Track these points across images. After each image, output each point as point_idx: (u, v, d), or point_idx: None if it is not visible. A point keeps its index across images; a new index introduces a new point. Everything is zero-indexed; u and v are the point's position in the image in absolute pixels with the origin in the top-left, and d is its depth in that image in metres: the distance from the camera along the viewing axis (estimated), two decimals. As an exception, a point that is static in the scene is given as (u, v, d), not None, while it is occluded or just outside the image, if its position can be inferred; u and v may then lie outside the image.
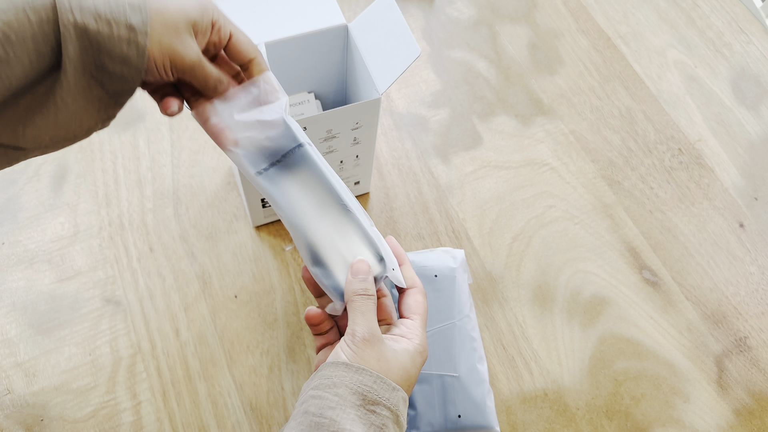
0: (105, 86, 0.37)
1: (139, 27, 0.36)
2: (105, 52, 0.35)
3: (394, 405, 0.38)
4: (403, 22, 0.54)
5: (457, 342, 0.56)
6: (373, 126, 0.60)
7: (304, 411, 0.37)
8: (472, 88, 0.79)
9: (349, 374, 0.38)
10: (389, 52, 0.55)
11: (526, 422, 0.60)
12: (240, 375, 0.61)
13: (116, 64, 0.36)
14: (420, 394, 0.54)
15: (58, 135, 0.38)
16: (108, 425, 0.58)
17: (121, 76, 0.37)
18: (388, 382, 0.39)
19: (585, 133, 0.77)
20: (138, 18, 0.36)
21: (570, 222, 0.71)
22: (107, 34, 0.35)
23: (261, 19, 0.58)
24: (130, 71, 0.36)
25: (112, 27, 0.35)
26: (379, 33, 0.57)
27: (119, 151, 0.72)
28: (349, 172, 0.65)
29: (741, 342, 0.65)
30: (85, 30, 0.35)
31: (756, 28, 0.87)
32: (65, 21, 0.34)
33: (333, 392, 0.37)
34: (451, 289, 0.58)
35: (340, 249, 0.43)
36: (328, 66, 0.64)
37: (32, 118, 0.36)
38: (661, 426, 0.61)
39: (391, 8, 0.55)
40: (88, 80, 0.36)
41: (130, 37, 0.36)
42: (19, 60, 0.34)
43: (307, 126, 0.55)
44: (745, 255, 0.70)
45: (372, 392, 0.38)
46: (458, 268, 0.60)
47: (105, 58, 0.36)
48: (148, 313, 0.63)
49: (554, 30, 0.85)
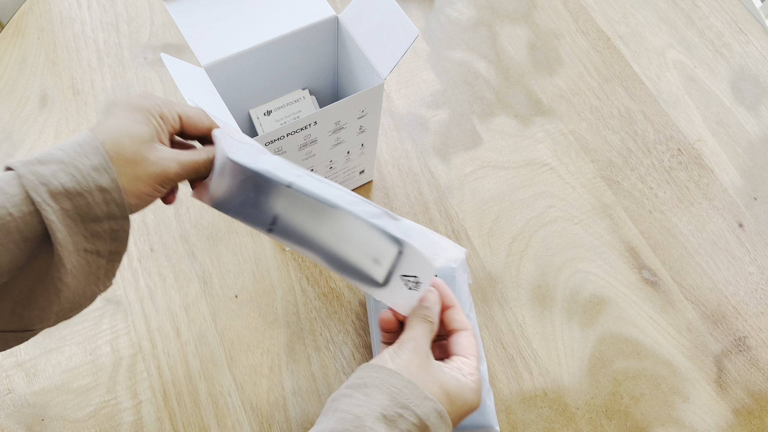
0: (101, 253, 0.38)
1: (110, 185, 0.37)
2: (89, 219, 0.37)
3: (424, 413, 0.37)
4: (395, 5, 0.54)
5: None
6: (376, 113, 0.60)
7: (335, 408, 0.38)
8: (472, 88, 0.80)
9: (381, 375, 0.38)
10: (386, 37, 0.55)
11: (525, 422, 0.60)
12: (240, 375, 0.61)
13: (103, 223, 0.37)
14: None
15: (63, 310, 0.38)
16: (108, 425, 0.58)
17: (111, 231, 0.38)
18: (421, 389, 0.38)
19: (584, 134, 0.77)
20: (105, 177, 0.37)
21: (569, 222, 0.71)
22: (84, 205, 0.36)
23: (250, 22, 0.58)
24: (117, 222, 0.38)
25: (86, 197, 0.36)
26: (372, 20, 0.56)
27: (120, 152, 0.72)
28: (355, 161, 0.66)
29: (740, 342, 0.65)
30: (65, 212, 0.36)
31: (755, 28, 0.87)
32: (45, 213, 0.35)
33: (363, 392, 0.38)
34: (450, 289, 0.58)
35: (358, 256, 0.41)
36: (321, 60, 0.64)
37: (35, 301, 0.37)
38: (660, 425, 0.61)
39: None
40: (84, 257, 0.37)
41: (106, 198, 0.37)
42: (6, 249, 0.35)
43: (317, 120, 0.55)
44: (745, 255, 0.70)
45: (401, 395, 0.37)
46: (458, 268, 0.60)
47: (91, 225, 0.37)
48: (148, 313, 0.63)
49: (554, 30, 0.85)
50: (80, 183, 0.36)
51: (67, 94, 0.76)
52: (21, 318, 0.37)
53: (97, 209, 0.37)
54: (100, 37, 0.80)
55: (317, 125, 0.56)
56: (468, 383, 0.41)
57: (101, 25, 0.81)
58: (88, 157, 0.37)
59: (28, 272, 0.37)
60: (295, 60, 0.62)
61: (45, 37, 0.80)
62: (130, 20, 0.81)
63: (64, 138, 0.73)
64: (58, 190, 0.36)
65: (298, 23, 0.58)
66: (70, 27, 0.81)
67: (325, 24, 0.59)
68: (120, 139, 0.38)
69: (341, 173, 0.66)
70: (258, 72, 0.60)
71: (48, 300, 0.37)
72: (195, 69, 0.54)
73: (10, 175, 0.36)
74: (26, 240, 0.35)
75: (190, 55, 0.79)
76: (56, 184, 0.36)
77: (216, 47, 0.56)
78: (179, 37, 0.81)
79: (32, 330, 0.39)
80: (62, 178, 0.36)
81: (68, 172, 0.36)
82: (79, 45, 0.79)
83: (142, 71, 0.78)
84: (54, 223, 0.35)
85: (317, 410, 0.60)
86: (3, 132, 0.72)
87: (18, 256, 0.36)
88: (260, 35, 0.57)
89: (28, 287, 0.37)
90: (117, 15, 0.82)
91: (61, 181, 0.36)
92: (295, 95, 0.66)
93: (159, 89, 0.76)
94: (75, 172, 0.37)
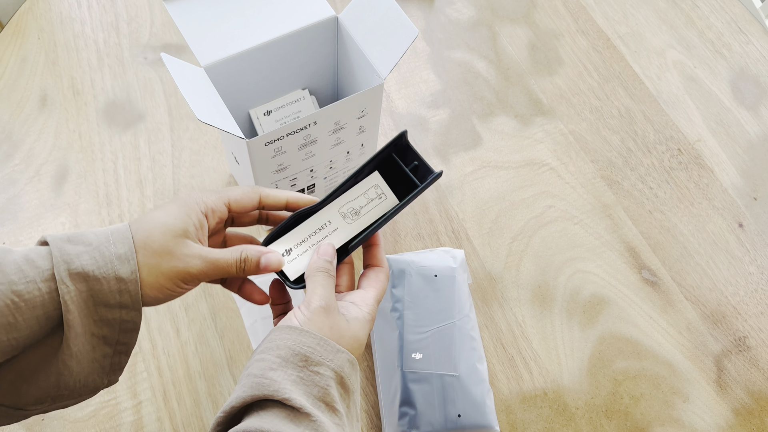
0: (108, 340, 0.38)
1: (128, 276, 0.37)
2: (101, 304, 0.37)
3: (338, 366, 0.39)
4: (395, 5, 0.54)
5: (457, 342, 0.56)
6: (376, 113, 0.60)
7: (248, 373, 0.38)
8: (472, 88, 0.80)
9: (293, 336, 0.38)
10: (386, 36, 0.55)
11: (525, 421, 0.60)
12: (240, 374, 0.61)
13: (114, 310, 0.37)
14: (420, 394, 0.55)
15: (61, 396, 0.38)
16: (109, 425, 0.58)
17: (121, 321, 0.38)
18: (332, 344, 0.39)
19: (584, 134, 0.77)
20: (126, 268, 0.37)
21: (569, 222, 0.71)
22: (98, 290, 0.37)
23: (250, 22, 0.58)
24: (128, 314, 0.38)
25: (102, 283, 0.37)
26: (372, 20, 0.56)
27: (120, 152, 0.72)
28: (355, 161, 0.66)
29: (740, 342, 0.65)
30: (79, 293, 0.36)
31: (755, 28, 0.87)
32: (62, 291, 0.35)
33: (275, 354, 0.38)
34: (450, 289, 0.58)
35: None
36: (321, 60, 0.64)
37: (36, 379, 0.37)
38: (660, 425, 0.61)
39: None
40: (90, 341, 0.37)
41: (121, 288, 0.37)
42: (27, 325, 0.35)
43: (317, 120, 0.55)
44: (744, 255, 0.70)
45: (315, 353, 0.38)
46: (458, 268, 0.60)
47: (101, 309, 0.37)
48: (148, 313, 0.63)
49: (554, 30, 0.85)
50: (100, 268, 0.37)
51: (67, 94, 0.76)
52: (18, 393, 0.37)
53: (110, 296, 0.37)
54: (100, 37, 0.80)
55: (317, 125, 0.56)
56: (364, 315, 0.42)
57: (101, 25, 0.81)
58: (115, 245, 0.38)
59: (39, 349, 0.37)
60: (295, 60, 0.62)
61: (45, 37, 0.80)
62: (130, 20, 0.82)
63: (64, 138, 0.73)
64: (78, 271, 0.36)
65: (298, 23, 0.58)
66: (70, 27, 0.81)
67: (325, 24, 0.59)
68: (152, 232, 0.39)
69: (341, 173, 0.66)
70: (258, 72, 0.60)
71: (48, 381, 0.37)
72: (195, 69, 0.54)
73: (45, 250, 0.37)
74: (48, 318, 0.36)
75: (190, 55, 0.79)
76: (77, 264, 0.36)
77: (216, 47, 0.56)
78: (179, 37, 0.81)
79: (25, 410, 0.38)
80: (84, 260, 0.37)
81: (92, 255, 0.37)
82: (79, 45, 0.79)
83: (142, 71, 0.78)
84: (66, 303, 0.35)
85: (317, 410, 0.60)
86: (3, 132, 0.72)
87: (37, 333, 0.36)
88: (260, 35, 0.57)
89: (35, 363, 0.37)
90: (117, 15, 0.82)
91: (83, 263, 0.36)
92: (295, 95, 0.66)
93: (159, 89, 0.76)
94: (98, 257, 0.37)
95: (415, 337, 0.56)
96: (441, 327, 0.57)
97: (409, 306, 0.57)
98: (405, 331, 0.56)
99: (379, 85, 0.56)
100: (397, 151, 0.46)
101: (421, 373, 0.55)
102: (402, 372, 0.55)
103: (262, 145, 0.53)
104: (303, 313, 0.40)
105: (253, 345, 0.58)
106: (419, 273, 0.59)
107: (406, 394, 0.55)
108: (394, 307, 0.58)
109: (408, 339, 0.56)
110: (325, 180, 0.65)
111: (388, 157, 0.47)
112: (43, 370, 0.37)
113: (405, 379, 0.55)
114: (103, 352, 0.38)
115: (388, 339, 0.58)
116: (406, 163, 0.46)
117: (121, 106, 0.75)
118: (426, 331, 0.56)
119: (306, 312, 0.40)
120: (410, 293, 0.58)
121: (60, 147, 0.72)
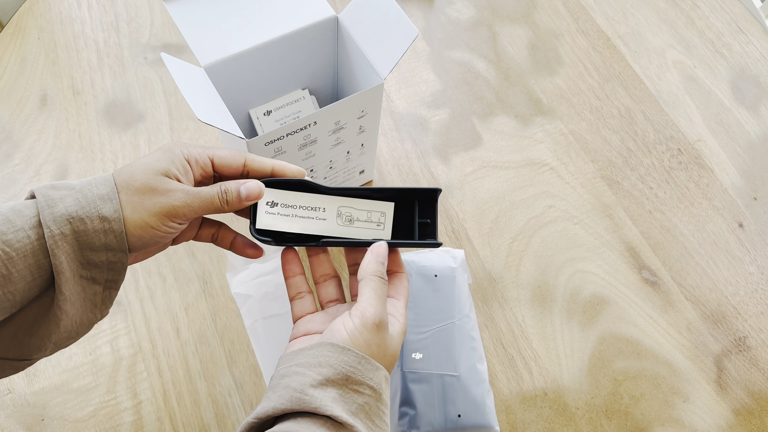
0: (97, 280, 0.39)
1: (111, 214, 0.38)
2: (87, 247, 0.37)
3: (377, 383, 0.39)
4: (395, 5, 0.54)
5: (457, 342, 0.56)
6: (376, 113, 0.60)
7: (286, 385, 0.38)
8: (472, 88, 0.80)
9: (335, 354, 0.39)
10: (386, 36, 0.55)
11: (525, 422, 0.60)
12: (240, 374, 0.61)
13: (100, 253, 0.38)
14: (420, 394, 0.55)
15: (60, 339, 0.39)
16: (109, 425, 0.58)
17: (108, 263, 0.39)
18: (373, 362, 0.39)
19: (584, 134, 0.77)
20: (109, 206, 0.38)
21: (569, 222, 0.71)
22: (83, 231, 0.37)
23: (250, 21, 0.58)
24: (115, 255, 0.38)
25: (86, 223, 0.37)
26: (371, 19, 0.56)
27: (120, 151, 0.72)
28: (355, 161, 0.66)
29: (740, 342, 0.65)
30: (64, 237, 0.36)
31: (755, 28, 0.87)
32: (47, 235, 0.36)
33: (317, 371, 0.38)
34: (450, 289, 0.58)
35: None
36: (321, 60, 0.64)
37: (36, 329, 0.38)
38: (660, 425, 0.61)
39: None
40: (80, 283, 0.38)
41: (105, 227, 0.38)
42: (21, 276, 0.36)
43: (317, 120, 0.55)
44: (745, 255, 0.70)
45: (356, 373, 0.38)
46: (458, 267, 0.60)
47: (88, 253, 0.38)
48: (148, 313, 0.63)
49: (554, 30, 0.85)
50: (83, 208, 0.37)
51: (67, 94, 0.76)
52: (20, 345, 0.38)
53: (95, 237, 0.37)
54: (100, 37, 0.80)
55: (317, 125, 0.56)
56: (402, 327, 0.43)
57: (101, 25, 0.81)
58: (98, 186, 0.38)
59: (36, 303, 0.38)
60: (295, 60, 0.62)
61: (45, 37, 0.80)
62: (130, 20, 0.82)
63: (64, 138, 0.73)
64: (61, 213, 0.37)
65: (298, 23, 0.58)
66: (70, 27, 0.81)
67: (325, 24, 0.59)
68: (134, 172, 0.40)
69: (341, 173, 0.66)
70: (258, 72, 0.60)
71: (48, 329, 0.38)
72: (195, 69, 0.54)
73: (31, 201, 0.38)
74: (40, 267, 0.36)
75: (190, 55, 0.79)
76: (60, 207, 0.37)
77: (216, 47, 0.56)
78: (179, 37, 0.81)
79: (29, 359, 0.39)
80: (68, 203, 0.37)
81: (75, 197, 0.37)
82: (79, 45, 0.79)
83: (142, 71, 0.78)
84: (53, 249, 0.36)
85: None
86: (3, 132, 0.72)
87: (32, 286, 0.37)
88: (260, 35, 0.57)
89: (34, 316, 0.38)
90: (117, 15, 0.82)
91: (66, 206, 0.37)
92: (295, 95, 0.66)
93: (159, 89, 0.76)
94: (81, 198, 0.37)
95: (415, 337, 0.56)
96: (441, 327, 0.57)
97: (409, 306, 0.57)
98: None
99: (379, 85, 0.56)
100: (422, 199, 0.48)
101: (421, 373, 0.55)
102: (402, 372, 0.55)
103: (262, 145, 0.54)
104: (354, 324, 0.40)
105: (253, 345, 0.58)
106: (419, 273, 0.59)
107: (405, 393, 0.55)
108: None
109: (408, 339, 0.56)
110: (325, 179, 0.65)
111: (412, 198, 0.48)
112: (42, 319, 0.38)
113: (405, 379, 0.55)
114: (94, 291, 0.39)
115: None
116: (420, 215, 0.48)
117: (121, 106, 0.75)
118: (426, 331, 0.56)
119: (358, 324, 0.40)
120: (410, 293, 0.58)
121: (60, 147, 0.72)
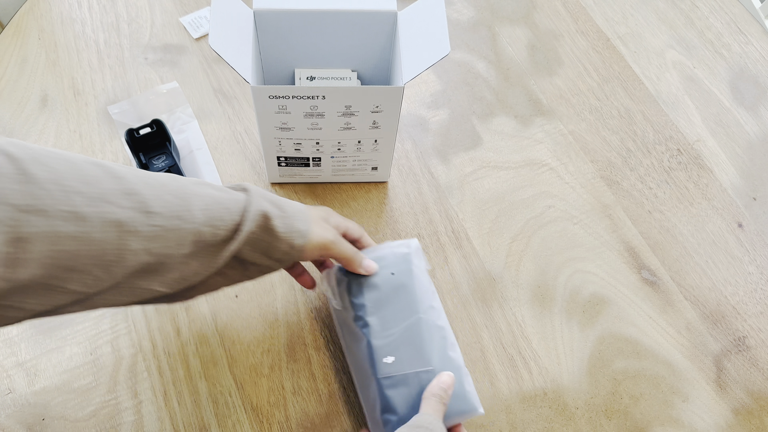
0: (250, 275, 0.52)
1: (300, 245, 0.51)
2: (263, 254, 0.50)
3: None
4: (443, 20, 0.55)
5: (426, 336, 0.54)
6: (394, 114, 0.60)
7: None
8: (472, 88, 0.80)
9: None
10: (421, 46, 0.57)
11: (525, 421, 0.60)
12: (241, 374, 0.61)
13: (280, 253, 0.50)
14: (399, 398, 0.53)
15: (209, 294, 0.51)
16: (109, 424, 0.58)
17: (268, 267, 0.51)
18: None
19: (584, 134, 0.77)
20: (301, 241, 0.51)
21: (569, 222, 0.71)
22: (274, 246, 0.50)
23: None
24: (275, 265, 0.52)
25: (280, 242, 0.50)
26: (419, 26, 0.58)
27: (120, 152, 0.72)
28: (366, 155, 0.66)
29: (740, 342, 0.65)
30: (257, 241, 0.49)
31: (755, 28, 0.87)
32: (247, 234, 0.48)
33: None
34: (410, 283, 0.56)
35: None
36: (374, 49, 0.65)
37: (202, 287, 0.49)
38: (660, 425, 0.61)
39: (437, 5, 0.57)
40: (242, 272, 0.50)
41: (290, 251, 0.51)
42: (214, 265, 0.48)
43: (326, 95, 0.56)
44: (744, 255, 0.70)
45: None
46: (412, 253, 0.57)
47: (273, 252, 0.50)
48: (149, 313, 0.63)
49: (553, 31, 0.85)
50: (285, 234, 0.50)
51: (67, 94, 0.76)
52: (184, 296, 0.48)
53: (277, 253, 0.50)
54: (100, 38, 0.80)
55: (325, 100, 0.57)
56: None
57: (102, 25, 0.81)
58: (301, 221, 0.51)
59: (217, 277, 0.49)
60: (348, 39, 0.64)
61: (45, 37, 0.80)
62: (130, 21, 0.82)
63: (65, 138, 0.73)
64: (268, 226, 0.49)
65: (359, 4, 0.60)
66: (70, 27, 0.81)
67: (383, 15, 0.61)
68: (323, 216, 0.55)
69: (350, 160, 0.67)
70: (309, 36, 0.63)
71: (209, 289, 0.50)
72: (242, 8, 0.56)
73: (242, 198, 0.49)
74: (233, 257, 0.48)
75: (191, 55, 0.79)
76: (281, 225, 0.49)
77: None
78: (179, 37, 0.81)
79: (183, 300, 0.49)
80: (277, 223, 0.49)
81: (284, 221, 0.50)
82: (80, 45, 0.80)
83: (142, 72, 0.78)
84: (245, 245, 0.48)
85: (317, 410, 0.60)
86: (3, 132, 0.73)
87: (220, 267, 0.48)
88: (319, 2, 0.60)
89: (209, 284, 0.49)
90: (117, 15, 0.82)
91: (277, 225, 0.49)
92: (343, 73, 0.68)
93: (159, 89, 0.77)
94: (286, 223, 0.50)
95: (383, 342, 0.54)
96: (407, 324, 0.55)
97: (372, 311, 0.55)
98: (372, 338, 0.54)
99: (397, 87, 0.56)
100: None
101: (396, 376, 0.53)
102: (377, 380, 0.53)
103: (266, 97, 0.56)
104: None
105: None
106: (376, 275, 0.57)
107: (384, 401, 0.53)
108: (357, 315, 0.56)
109: (376, 345, 0.54)
110: (332, 159, 0.66)
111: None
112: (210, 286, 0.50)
113: (381, 387, 0.53)
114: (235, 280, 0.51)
115: (357, 350, 0.56)
116: None
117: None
118: (393, 333, 0.54)
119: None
120: (370, 298, 0.56)
121: (60, 147, 0.72)
